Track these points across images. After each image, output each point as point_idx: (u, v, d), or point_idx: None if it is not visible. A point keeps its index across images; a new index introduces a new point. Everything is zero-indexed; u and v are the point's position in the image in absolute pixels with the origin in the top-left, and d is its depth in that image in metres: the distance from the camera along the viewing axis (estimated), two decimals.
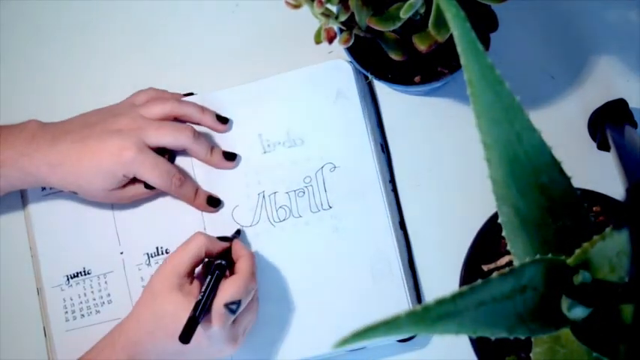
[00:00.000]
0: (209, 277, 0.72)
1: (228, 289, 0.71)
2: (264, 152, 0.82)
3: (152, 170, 0.77)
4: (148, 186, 0.79)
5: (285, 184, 0.81)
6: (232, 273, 0.75)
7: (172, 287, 0.71)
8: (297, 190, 0.81)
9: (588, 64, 0.82)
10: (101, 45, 0.88)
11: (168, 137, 0.78)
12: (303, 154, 0.81)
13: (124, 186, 0.79)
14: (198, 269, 0.75)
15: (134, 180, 0.79)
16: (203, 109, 0.81)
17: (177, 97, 0.83)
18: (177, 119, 0.81)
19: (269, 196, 0.81)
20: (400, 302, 0.78)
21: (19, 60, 0.89)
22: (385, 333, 0.43)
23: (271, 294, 0.79)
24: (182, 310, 0.70)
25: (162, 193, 0.81)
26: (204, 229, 0.81)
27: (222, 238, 0.77)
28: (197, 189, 0.81)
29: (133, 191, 0.80)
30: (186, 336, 0.69)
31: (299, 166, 0.81)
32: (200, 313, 0.69)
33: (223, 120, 0.82)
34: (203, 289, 0.71)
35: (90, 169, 0.76)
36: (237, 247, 0.76)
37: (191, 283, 0.73)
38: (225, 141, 0.82)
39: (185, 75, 0.86)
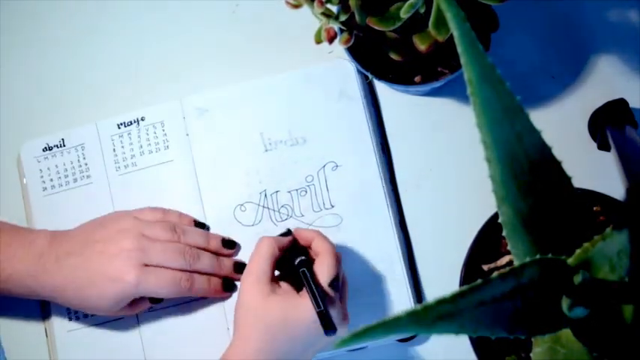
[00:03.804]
0: (303, 271, 0.71)
1: (323, 271, 0.70)
2: (266, 151, 0.82)
3: (157, 285, 0.75)
4: (153, 300, 0.78)
5: (287, 183, 0.81)
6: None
7: (267, 295, 0.70)
8: (299, 189, 0.81)
9: (588, 64, 0.82)
10: (101, 45, 0.88)
11: (168, 278, 0.75)
12: (305, 152, 0.81)
13: (131, 304, 0.77)
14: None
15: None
16: (208, 235, 0.79)
17: (189, 221, 0.81)
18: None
19: (271, 195, 0.81)
20: (402, 301, 0.78)
21: (19, 61, 0.89)
22: (385, 333, 0.43)
23: None
24: (289, 308, 0.69)
25: (162, 195, 0.81)
26: (207, 230, 0.81)
27: (282, 235, 0.75)
28: (208, 279, 0.78)
29: (142, 306, 0.78)
30: (330, 329, 0.67)
31: (301, 165, 0.81)
32: (324, 302, 0.68)
33: (230, 244, 0.80)
34: (307, 284, 0.70)
35: (92, 297, 0.75)
36: (300, 233, 0.75)
37: (279, 285, 0.72)
38: (226, 140, 0.82)
39: (186, 75, 0.86)
